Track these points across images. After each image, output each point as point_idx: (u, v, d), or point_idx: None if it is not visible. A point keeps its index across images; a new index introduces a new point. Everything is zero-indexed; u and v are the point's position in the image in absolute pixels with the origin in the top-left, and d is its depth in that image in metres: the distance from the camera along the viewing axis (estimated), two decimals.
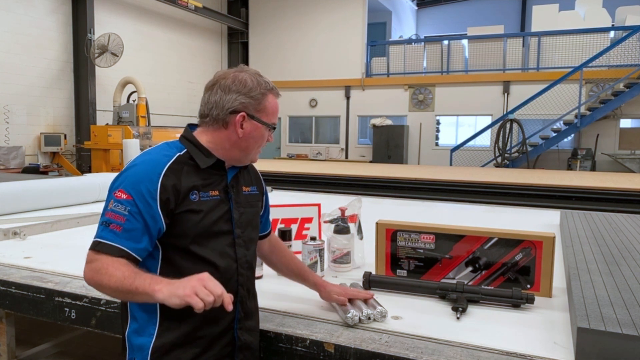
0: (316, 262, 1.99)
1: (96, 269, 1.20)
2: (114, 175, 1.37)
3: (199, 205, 1.32)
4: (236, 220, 1.41)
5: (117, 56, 10.54)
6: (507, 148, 11.83)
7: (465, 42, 13.60)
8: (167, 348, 1.30)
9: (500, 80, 12.79)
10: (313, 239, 2.03)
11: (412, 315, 1.60)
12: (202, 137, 1.39)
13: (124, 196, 1.24)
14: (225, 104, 1.35)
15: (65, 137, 10.58)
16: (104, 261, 1.20)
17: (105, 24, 11.27)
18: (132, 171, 1.28)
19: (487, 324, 1.54)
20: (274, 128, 1.43)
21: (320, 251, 2.01)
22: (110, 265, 1.19)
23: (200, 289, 1.12)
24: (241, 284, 1.41)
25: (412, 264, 1.93)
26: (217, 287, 1.14)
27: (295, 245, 2.09)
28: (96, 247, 1.23)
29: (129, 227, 1.23)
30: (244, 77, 1.36)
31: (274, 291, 1.83)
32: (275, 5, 15.17)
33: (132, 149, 7.61)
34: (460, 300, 1.64)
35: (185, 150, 1.36)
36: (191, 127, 1.44)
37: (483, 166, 12.02)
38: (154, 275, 1.21)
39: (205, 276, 1.16)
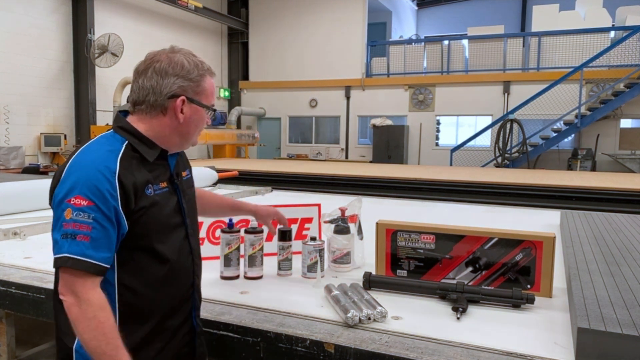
0: (316, 262, 1.99)
1: (82, 303, 1.13)
2: None
3: (155, 198, 1.26)
4: (186, 210, 1.37)
5: (117, 56, 10.54)
6: (508, 148, 11.83)
7: (465, 42, 13.60)
8: (134, 350, 1.22)
9: (501, 80, 12.79)
10: (313, 239, 2.02)
11: (412, 315, 1.60)
12: (140, 125, 1.29)
13: (84, 203, 1.13)
14: (163, 88, 1.26)
15: (65, 138, 10.58)
16: (92, 302, 1.14)
17: (105, 24, 11.27)
18: (83, 174, 1.16)
19: (487, 324, 1.53)
20: (214, 110, 1.37)
21: (320, 251, 2.00)
22: (98, 311, 1.14)
23: None
24: (196, 274, 1.42)
25: (412, 264, 1.93)
26: None
27: (296, 245, 2.08)
28: (67, 264, 1.12)
29: (96, 235, 1.14)
30: (180, 59, 1.28)
31: (274, 291, 1.82)
32: (275, 5, 15.17)
33: None
34: (460, 301, 1.64)
35: (127, 142, 1.26)
36: (122, 113, 1.33)
37: (483, 166, 12.02)
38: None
39: None
